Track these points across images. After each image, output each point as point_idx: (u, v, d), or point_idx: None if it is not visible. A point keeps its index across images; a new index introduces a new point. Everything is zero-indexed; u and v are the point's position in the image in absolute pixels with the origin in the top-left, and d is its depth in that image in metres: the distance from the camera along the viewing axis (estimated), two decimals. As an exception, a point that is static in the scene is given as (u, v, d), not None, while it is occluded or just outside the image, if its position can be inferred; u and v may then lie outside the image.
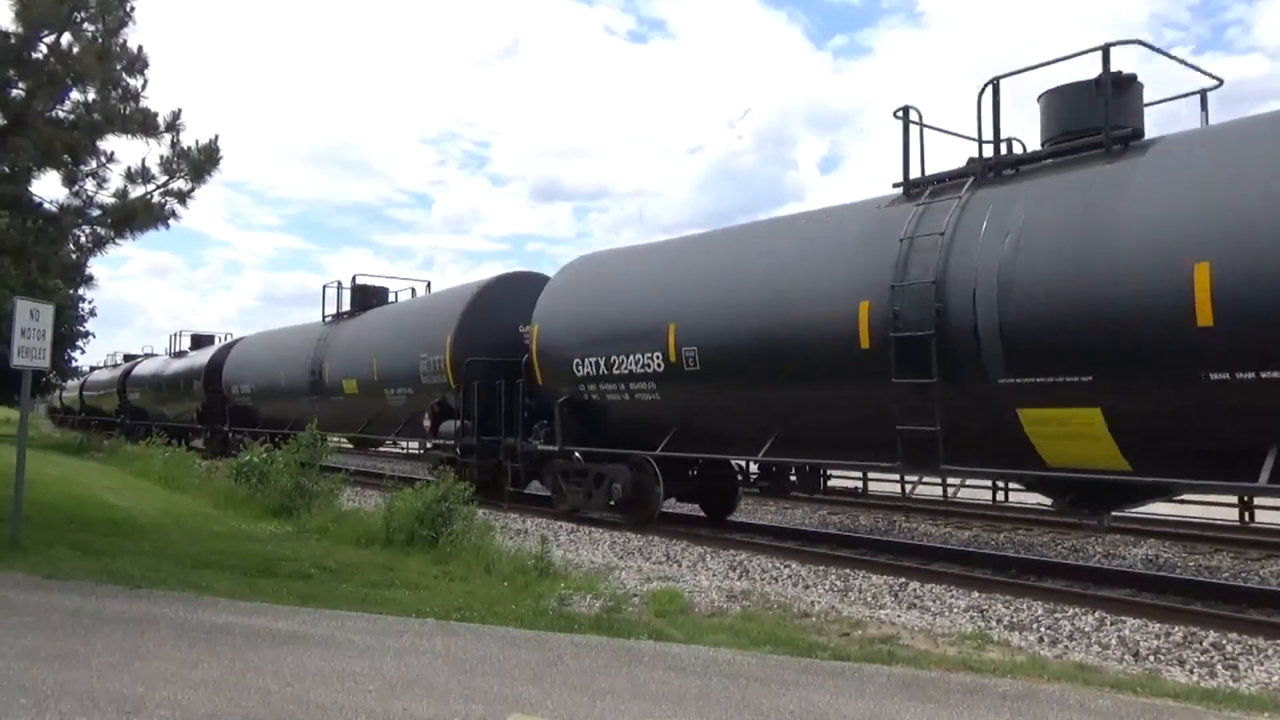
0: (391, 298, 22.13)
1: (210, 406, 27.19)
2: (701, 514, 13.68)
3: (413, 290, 21.55)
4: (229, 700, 4.58)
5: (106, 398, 40.45)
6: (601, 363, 12.44)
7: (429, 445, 17.77)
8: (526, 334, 14.28)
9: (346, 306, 21.80)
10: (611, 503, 12.52)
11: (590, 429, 13.13)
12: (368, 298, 21.69)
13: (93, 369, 49.03)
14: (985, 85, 9.04)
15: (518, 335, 14.64)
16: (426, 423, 16.18)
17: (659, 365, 11.54)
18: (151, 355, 39.41)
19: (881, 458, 9.37)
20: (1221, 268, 6.82)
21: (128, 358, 42.95)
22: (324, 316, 22.31)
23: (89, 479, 18.14)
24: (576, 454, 13.30)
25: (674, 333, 11.31)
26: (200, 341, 33.30)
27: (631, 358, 11.94)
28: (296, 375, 21.79)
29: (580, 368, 12.82)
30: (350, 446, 24.36)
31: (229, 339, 31.19)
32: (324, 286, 22.17)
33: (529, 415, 14.31)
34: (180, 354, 33.17)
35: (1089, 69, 8.54)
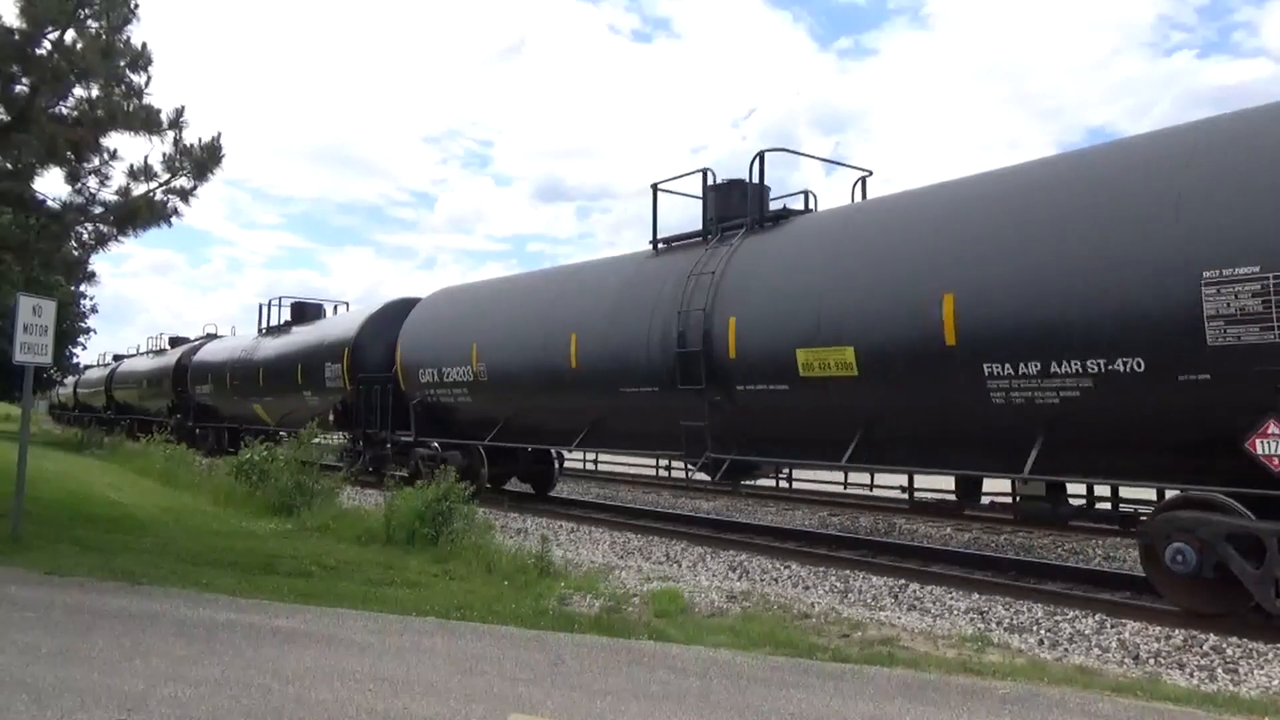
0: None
1: (361, 405, 17.75)
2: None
3: (807, 197, 11.84)
4: (230, 698, 4.58)
5: (149, 391, 31.13)
6: None
7: None
8: None
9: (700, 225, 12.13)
10: None
11: None
12: (750, 204, 11.47)
13: (118, 358, 40.01)
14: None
15: None
16: None
17: None
18: (216, 336, 30.00)
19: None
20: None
21: (175, 341, 33.30)
22: (655, 243, 12.77)
23: (90, 475, 18.14)
24: None
25: None
26: (305, 312, 23.39)
27: None
28: (624, 347, 12.00)
29: None
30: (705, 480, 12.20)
31: (343, 309, 22.61)
32: (653, 187, 12.67)
33: None
34: (280, 328, 23.17)
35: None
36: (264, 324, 23.99)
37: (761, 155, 11.65)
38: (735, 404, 10.67)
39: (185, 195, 10.71)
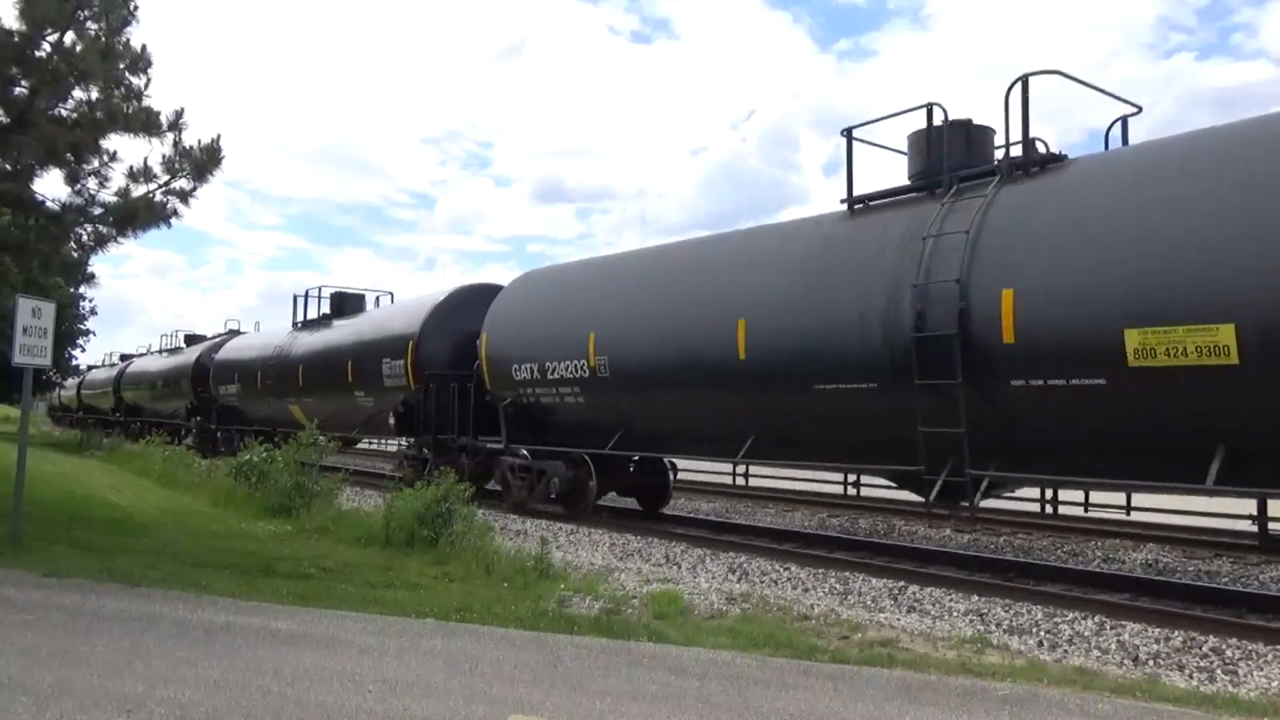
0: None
1: (431, 407, 15.47)
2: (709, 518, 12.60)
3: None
4: (229, 699, 4.58)
5: (164, 392, 29.33)
6: None
7: None
8: None
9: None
10: None
11: None
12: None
13: (125, 357, 38.12)
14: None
15: None
16: None
17: None
18: (239, 333, 28.09)
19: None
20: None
21: (191, 339, 30.48)
22: (851, 201, 10.17)
23: (89, 477, 18.13)
24: None
25: None
26: (345, 304, 20.83)
27: None
28: (822, 332, 9.59)
29: None
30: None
31: (386, 300, 20.23)
32: (846, 133, 10.30)
33: None
34: (318, 322, 20.82)
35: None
36: (299, 317, 21.53)
37: (1025, 79, 8.83)
38: (1000, 404, 8.22)
39: (184, 196, 10.72)
